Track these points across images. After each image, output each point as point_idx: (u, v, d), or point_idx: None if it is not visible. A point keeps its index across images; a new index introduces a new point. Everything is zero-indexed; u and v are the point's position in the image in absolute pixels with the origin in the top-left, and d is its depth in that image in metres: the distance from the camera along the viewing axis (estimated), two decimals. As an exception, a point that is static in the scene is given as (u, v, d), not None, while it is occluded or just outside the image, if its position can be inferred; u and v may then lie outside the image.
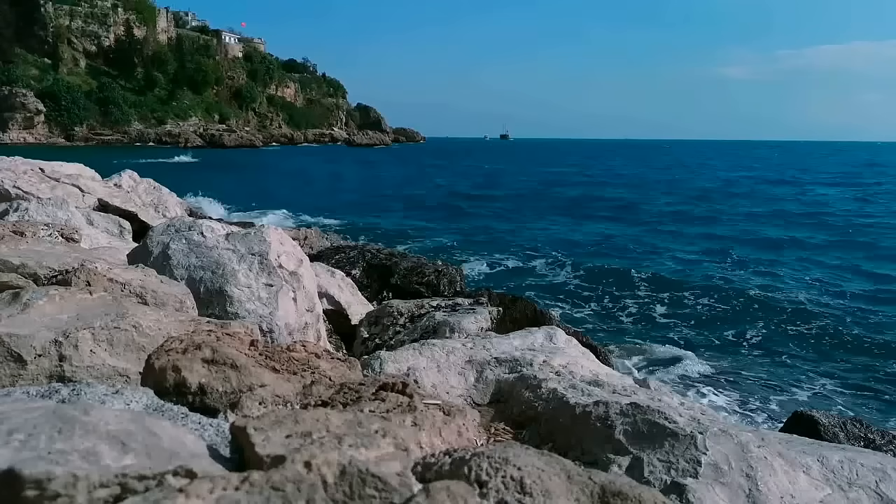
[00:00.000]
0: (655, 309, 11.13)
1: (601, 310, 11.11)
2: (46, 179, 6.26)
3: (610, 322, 10.31)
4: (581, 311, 10.96)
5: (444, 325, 4.06)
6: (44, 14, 78.23)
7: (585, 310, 11.11)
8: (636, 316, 10.72)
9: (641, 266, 14.80)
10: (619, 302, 11.63)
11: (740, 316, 10.82)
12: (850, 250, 17.61)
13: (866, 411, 7.03)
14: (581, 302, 11.67)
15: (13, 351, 1.66)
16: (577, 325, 8.94)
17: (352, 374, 1.77)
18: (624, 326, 10.08)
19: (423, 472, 1.08)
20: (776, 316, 10.82)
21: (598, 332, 9.38)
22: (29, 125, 71.77)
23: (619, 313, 10.85)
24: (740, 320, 10.57)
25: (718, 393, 7.43)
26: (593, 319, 10.44)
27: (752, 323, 10.42)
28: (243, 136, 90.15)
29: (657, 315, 10.78)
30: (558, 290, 12.55)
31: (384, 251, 7.38)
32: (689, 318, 10.61)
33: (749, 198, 32.40)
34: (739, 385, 7.72)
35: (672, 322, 10.37)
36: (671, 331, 9.86)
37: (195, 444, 1.07)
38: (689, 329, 10.00)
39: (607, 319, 10.47)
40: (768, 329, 10.06)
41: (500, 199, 29.80)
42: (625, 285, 12.97)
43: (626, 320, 10.44)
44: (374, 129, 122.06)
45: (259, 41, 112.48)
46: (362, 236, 16.27)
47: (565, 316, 9.97)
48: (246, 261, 3.24)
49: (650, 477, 1.92)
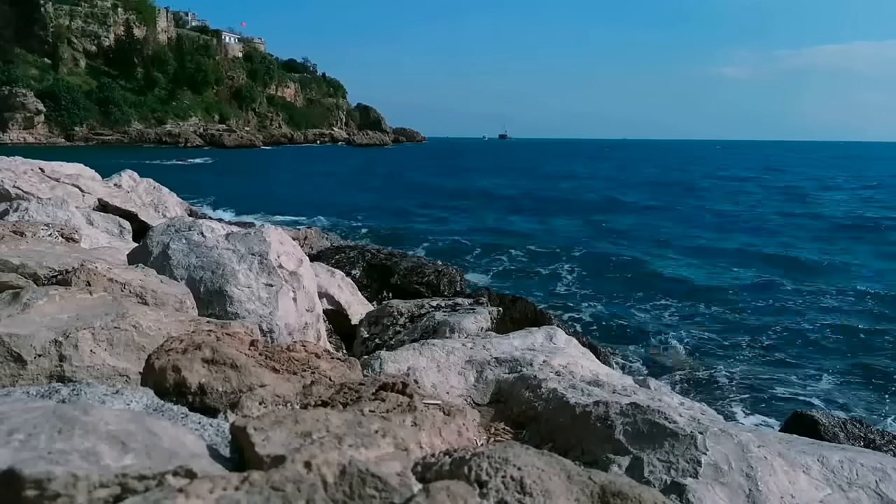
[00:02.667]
0: (656, 309, 11.13)
1: (601, 309, 11.10)
2: (46, 179, 6.26)
3: (610, 322, 10.31)
4: (581, 311, 10.96)
5: (444, 325, 4.06)
6: (44, 14, 78.18)
7: (585, 309, 11.11)
8: (636, 316, 10.72)
9: (642, 266, 14.81)
10: (619, 302, 11.63)
11: (740, 316, 10.83)
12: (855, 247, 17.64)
13: (866, 411, 7.03)
14: (581, 302, 11.67)
15: (13, 351, 1.66)
16: (577, 325, 8.95)
17: (352, 374, 1.77)
18: (624, 326, 10.08)
19: (423, 472, 1.08)
20: (776, 316, 10.83)
21: (598, 332, 9.38)
22: (29, 125, 71.73)
23: (620, 313, 10.85)
24: (741, 320, 10.57)
25: (718, 393, 7.43)
26: (593, 319, 10.44)
27: (752, 323, 10.43)
28: (243, 136, 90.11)
29: (657, 315, 10.78)
30: (558, 290, 12.56)
31: (384, 251, 7.38)
32: (690, 318, 10.61)
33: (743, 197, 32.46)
34: (739, 385, 7.72)
35: (672, 322, 10.38)
36: (671, 330, 9.86)
37: (195, 444, 1.07)
38: (689, 329, 10.00)
39: (607, 319, 10.46)
40: (768, 329, 10.06)
41: (500, 198, 29.83)
42: (625, 285, 12.98)
43: (626, 320, 10.43)
44: (375, 129, 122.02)
45: (259, 41, 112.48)
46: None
47: (565, 316, 9.97)
48: (246, 261, 3.24)
49: (650, 477, 1.92)
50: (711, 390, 7.48)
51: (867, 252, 17.36)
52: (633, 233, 20.28)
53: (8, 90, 70.45)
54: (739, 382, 7.81)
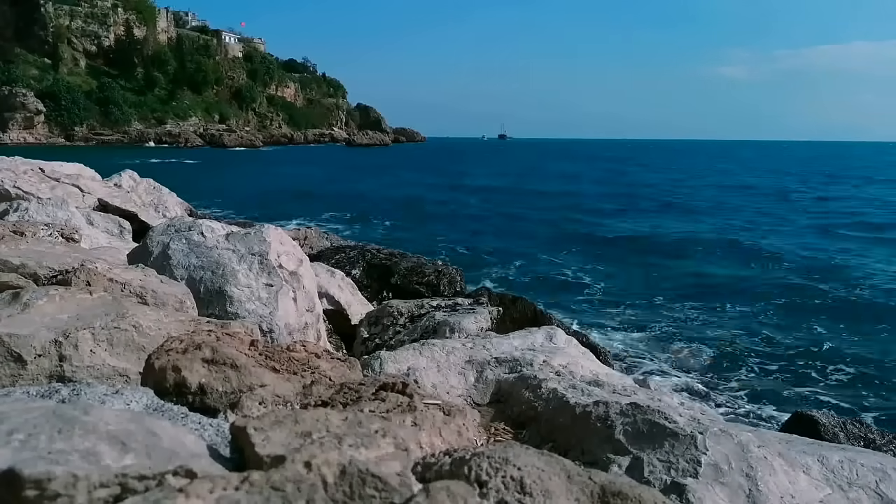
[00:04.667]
0: (656, 309, 11.13)
1: (601, 309, 11.11)
2: (46, 179, 6.26)
3: (610, 322, 10.30)
4: (581, 311, 10.96)
5: (444, 325, 4.06)
6: (44, 14, 78.18)
7: (585, 309, 11.11)
8: (637, 315, 10.71)
9: (642, 266, 14.80)
10: (619, 301, 11.63)
11: (741, 316, 10.83)
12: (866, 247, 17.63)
13: (866, 411, 7.03)
14: (581, 301, 11.68)
15: (13, 351, 1.66)
16: (578, 325, 8.94)
17: (352, 374, 1.77)
18: (624, 326, 10.07)
19: (423, 472, 1.08)
20: (776, 316, 10.82)
21: (598, 331, 9.38)
22: (29, 125, 71.74)
23: (620, 313, 10.85)
24: (741, 320, 10.57)
25: (718, 393, 7.42)
26: (593, 319, 10.43)
27: (752, 323, 10.42)
28: (243, 136, 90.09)
29: (657, 315, 10.78)
30: (558, 290, 12.56)
31: (384, 251, 7.36)
32: (690, 318, 10.61)
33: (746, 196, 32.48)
34: (739, 385, 7.72)
35: (673, 322, 10.37)
36: (671, 330, 9.86)
37: (195, 444, 1.07)
38: (689, 329, 10.00)
39: (607, 319, 10.46)
40: (769, 329, 10.05)
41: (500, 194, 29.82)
42: (625, 285, 12.98)
43: (626, 320, 10.43)
44: (374, 129, 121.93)
45: (259, 41, 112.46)
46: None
47: (565, 316, 9.97)
48: (246, 261, 3.24)
49: (650, 477, 1.92)
50: (711, 390, 7.48)
51: (875, 251, 17.37)
52: (633, 233, 20.28)
53: (8, 90, 70.45)
54: (739, 382, 7.81)
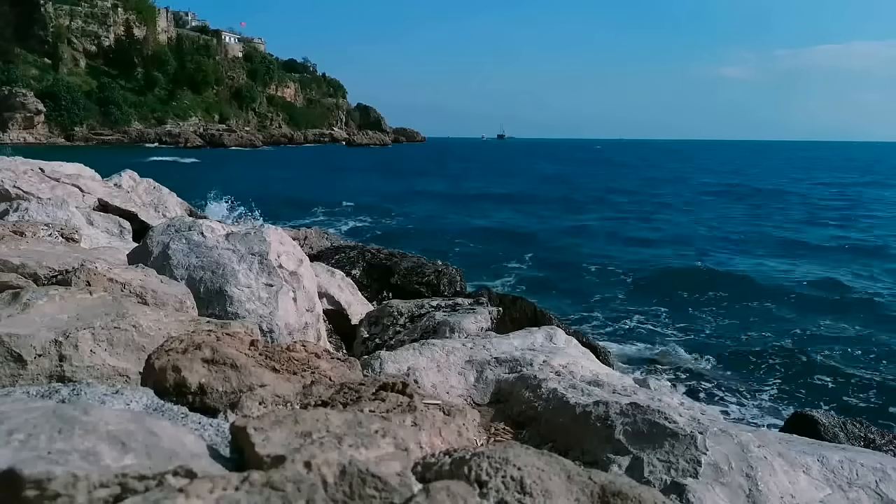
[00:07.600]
0: (656, 309, 11.13)
1: (601, 309, 11.10)
2: (46, 179, 6.26)
3: (610, 321, 10.31)
4: (581, 311, 10.96)
5: (444, 325, 4.06)
6: (44, 14, 78.12)
7: (585, 309, 11.11)
8: (636, 315, 10.71)
9: (642, 266, 14.80)
10: (619, 301, 11.64)
11: (741, 316, 10.83)
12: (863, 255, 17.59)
13: (866, 411, 7.03)
14: (581, 301, 11.67)
15: (13, 351, 1.66)
16: (578, 325, 8.94)
17: (352, 374, 1.77)
18: (624, 326, 10.08)
19: (423, 472, 1.08)
20: (776, 316, 10.83)
21: (597, 331, 9.38)
22: (29, 125, 71.67)
23: (620, 313, 10.85)
24: (741, 320, 10.57)
25: (718, 393, 7.43)
26: (593, 319, 10.44)
27: (752, 323, 10.43)
28: (243, 136, 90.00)
29: (657, 315, 10.78)
30: (558, 290, 12.55)
31: (384, 251, 7.37)
32: (690, 318, 10.61)
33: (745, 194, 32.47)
34: (740, 385, 7.72)
35: (673, 322, 10.37)
36: (672, 330, 9.86)
37: (195, 444, 1.07)
38: (690, 329, 10.00)
39: (607, 319, 10.46)
40: (769, 329, 10.06)
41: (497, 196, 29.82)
42: (625, 285, 12.99)
43: (626, 320, 10.43)
44: (374, 129, 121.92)
45: (259, 41, 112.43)
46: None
47: (565, 315, 9.97)
48: (246, 261, 3.24)
49: (650, 477, 1.92)
50: (712, 390, 7.48)
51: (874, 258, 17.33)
52: (632, 232, 20.28)
53: (8, 90, 70.37)
54: (740, 382, 7.81)
